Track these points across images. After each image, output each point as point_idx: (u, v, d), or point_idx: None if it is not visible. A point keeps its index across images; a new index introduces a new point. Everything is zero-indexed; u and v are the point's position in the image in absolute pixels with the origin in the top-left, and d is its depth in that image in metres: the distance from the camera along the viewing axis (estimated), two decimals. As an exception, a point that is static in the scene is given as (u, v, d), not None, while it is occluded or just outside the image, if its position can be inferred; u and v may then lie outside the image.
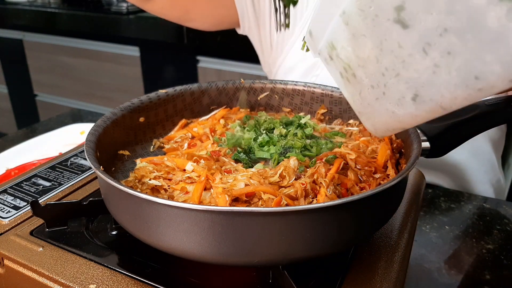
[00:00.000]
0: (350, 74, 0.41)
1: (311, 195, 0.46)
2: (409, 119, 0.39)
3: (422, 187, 0.64)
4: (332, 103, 0.65)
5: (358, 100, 0.43)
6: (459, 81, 0.33)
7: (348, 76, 0.42)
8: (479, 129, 0.53)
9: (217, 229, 0.38)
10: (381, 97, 0.39)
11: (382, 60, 0.37)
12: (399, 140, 0.54)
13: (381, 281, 0.45)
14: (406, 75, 0.36)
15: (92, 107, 2.17)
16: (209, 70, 1.78)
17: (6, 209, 0.55)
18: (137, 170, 0.53)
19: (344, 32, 0.39)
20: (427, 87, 0.35)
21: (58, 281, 0.44)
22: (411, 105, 0.37)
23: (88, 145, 0.48)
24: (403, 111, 0.38)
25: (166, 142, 0.64)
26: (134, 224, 0.43)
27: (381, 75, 0.38)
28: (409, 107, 0.38)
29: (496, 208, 0.76)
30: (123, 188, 0.40)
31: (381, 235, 0.52)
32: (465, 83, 0.33)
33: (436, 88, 0.35)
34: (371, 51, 0.38)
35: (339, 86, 0.45)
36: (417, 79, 0.35)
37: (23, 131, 1.07)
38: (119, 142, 0.59)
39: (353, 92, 0.43)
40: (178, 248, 0.40)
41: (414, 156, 0.45)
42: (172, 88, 0.65)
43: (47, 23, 2.09)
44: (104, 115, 0.56)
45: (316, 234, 0.39)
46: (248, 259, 0.39)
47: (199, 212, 0.38)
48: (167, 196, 0.49)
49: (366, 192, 0.39)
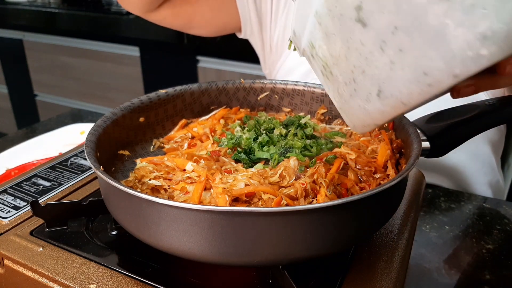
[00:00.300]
0: (328, 72, 0.43)
1: (311, 195, 0.46)
2: (378, 115, 0.40)
3: (422, 187, 0.64)
4: (332, 103, 0.65)
5: (337, 97, 0.44)
6: (411, 77, 0.35)
7: (327, 74, 0.43)
8: (479, 129, 0.53)
9: (217, 229, 0.38)
10: (353, 93, 0.41)
11: (350, 58, 0.39)
12: (399, 140, 0.54)
13: (381, 281, 0.45)
14: (370, 72, 0.38)
15: (92, 107, 2.17)
16: (209, 70, 1.78)
17: (6, 209, 0.55)
18: (137, 170, 0.53)
19: (319, 32, 0.41)
20: (388, 83, 0.37)
21: (58, 281, 0.44)
22: (377, 100, 0.39)
23: (88, 145, 0.48)
24: (372, 107, 0.40)
25: (166, 142, 0.64)
26: (134, 224, 0.43)
27: (351, 72, 0.40)
28: (376, 102, 0.39)
29: (496, 208, 0.76)
30: (123, 188, 0.40)
31: (381, 235, 0.52)
32: (417, 78, 0.35)
33: (394, 83, 0.37)
34: (341, 49, 0.39)
35: (322, 83, 0.46)
36: (379, 76, 0.37)
37: (23, 131, 1.07)
38: (119, 142, 0.59)
39: (333, 89, 0.44)
40: (178, 248, 0.40)
41: (414, 156, 0.45)
42: (172, 88, 0.65)
43: (47, 23, 2.09)
44: (104, 115, 0.56)
45: (316, 234, 0.39)
46: (248, 259, 0.39)
47: (199, 212, 0.38)
48: (167, 196, 0.49)
49: (366, 192, 0.39)
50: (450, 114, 0.53)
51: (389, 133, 0.56)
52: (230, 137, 0.57)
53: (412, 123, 0.53)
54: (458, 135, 0.52)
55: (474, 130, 0.52)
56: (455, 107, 0.54)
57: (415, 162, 0.44)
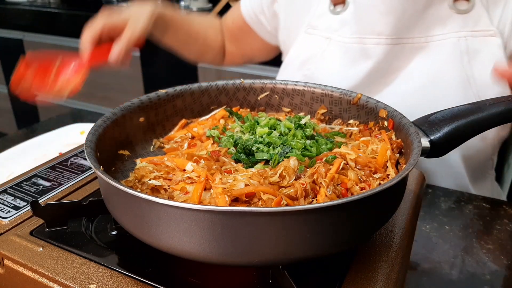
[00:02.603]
0: None
1: (311, 195, 0.46)
2: None
3: (422, 187, 0.64)
4: (332, 103, 0.65)
5: None
6: None
7: None
8: (480, 129, 0.52)
9: (217, 229, 0.38)
10: None
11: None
12: (399, 140, 0.54)
13: (381, 281, 0.45)
14: None
15: (92, 107, 2.17)
16: (209, 70, 1.78)
17: (6, 209, 0.55)
18: (137, 170, 0.53)
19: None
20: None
21: (58, 281, 0.44)
22: None
23: (88, 145, 0.48)
24: None
25: (166, 142, 0.64)
26: (134, 224, 0.43)
27: None
28: None
29: (496, 208, 0.76)
30: (123, 188, 0.40)
31: (381, 235, 0.52)
32: None
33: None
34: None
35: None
36: None
37: (23, 131, 1.07)
38: (119, 142, 0.59)
39: None
40: (178, 248, 0.40)
41: (414, 156, 0.45)
42: (172, 88, 0.65)
43: (47, 23, 2.09)
44: (104, 115, 0.56)
45: (316, 234, 0.39)
46: (248, 259, 0.39)
47: (199, 212, 0.38)
48: (167, 196, 0.49)
49: (366, 192, 0.39)
50: (450, 114, 0.52)
51: (389, 133, 0.56)
52: (229, 137, 0.57)
53: (412, 123, 0.53)
54: (458, 136, 0.51)
55: (475, 130, 0.52)
56: (455, 107, 0.54)
57: (415, 162, 0.44)
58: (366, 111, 0.61)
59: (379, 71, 0.83)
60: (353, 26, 0.84)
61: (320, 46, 0.88)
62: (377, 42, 0.81)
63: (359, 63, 0.84)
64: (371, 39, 0.82)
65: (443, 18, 0.79)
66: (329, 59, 0.87)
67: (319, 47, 0.88)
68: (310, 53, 0.90)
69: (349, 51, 0.85)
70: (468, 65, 0.78)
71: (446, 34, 0.79)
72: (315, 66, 0.89)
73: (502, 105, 0.50)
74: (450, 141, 0.51)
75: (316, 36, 0.89)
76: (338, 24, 0.86)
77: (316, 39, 0.89)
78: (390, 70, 0.83)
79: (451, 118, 0.52)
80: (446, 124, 0.51)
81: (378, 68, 0.83)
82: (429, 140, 0.50)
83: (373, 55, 0.82)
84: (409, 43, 0.81)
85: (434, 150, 0.51)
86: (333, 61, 0.87)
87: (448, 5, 0.79)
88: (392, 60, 0.82)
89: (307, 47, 0.91)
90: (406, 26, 0.79)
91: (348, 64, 0.85)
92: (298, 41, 0.93)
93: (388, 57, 0.82)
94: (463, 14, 0.78)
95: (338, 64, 0.87)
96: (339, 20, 0.86)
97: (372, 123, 0.60)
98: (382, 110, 0.58)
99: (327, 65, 0.88)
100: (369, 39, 0.82)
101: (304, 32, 0.91)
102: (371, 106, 0.60)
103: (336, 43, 0.86)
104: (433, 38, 0.80)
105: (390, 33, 0.80)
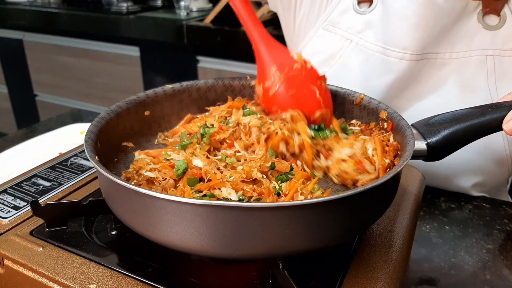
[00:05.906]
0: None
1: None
2: None
3: (422, 187, 0.64)
4: (336, 102, 0.65)
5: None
6: None
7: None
8: (479, 134, 0.51)
9: (215, 222, 0.38)
10: None
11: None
12: (396, 143, 0.54)
13: (381, 282, 0.45)
14: None
15: (92, 107, 2.17)
16: (209, 70, 1.78)
17: (6, 209, 0.55)
18: (135, 161, 0.54)
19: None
20: None
21: (58, 281, 0.44)
22: None
23: (88, 136, 0.49)
24: None
25: (170, 136, 0.64)
26: (130, 216, 0.43)
27: None
28: None
29: (496, 208, 0.76)
30: (109, 176, 0.40)
31: (381, 235, 0.52)
32: None
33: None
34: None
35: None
36: None
37: (23, 131, 1.07)
38: (124, 134, 0.59)
39: None
40: (175, 241, 0.40)
41: (408, 152, 0.45)
42: (178, 84, 0.66)
43: (47, 23, 2.09)
44: (109, 107, 0.57)
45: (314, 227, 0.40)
46: (247, 252, 0.40)
47: (196, 206, 0.38)
48: (161, 188, 0.49)
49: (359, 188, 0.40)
50: (451, 117, 0.52)
51: (387, 134, 0.56)
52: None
53: (409, 125, 0.52)
54: (457, 139, 0.50)
55: (474, 135, 0.51)
56: (457, 111, 0.52)
57: (407, 160, 0.44)
58: (368, 111, 0.61)
59: (400, 86, 0.78)
60: (378, 32, 0.77)
61: (339, 47, 0.82)
62: (401, 57, 0.75)
63: (381, 75, 0.78)
64: (396, 52, 0.75)
65: (471, 33, 0.73)
66: (349, 65, 0.81)
67: (339, 48, 0.82)
68: (327, 54, 0.83)
69: (370, 59, 0.79)
70: (493, 86, 0.73)
71: (472, 51, 0.74)
72: (332, 69, 0.83)
73: (504, 110, 0.49)
74: (448, 145, 0.50)
75: (336, 35, 0.82)
76: (362, 25, 0.79)
77: (335, 38, 0.83)
78: (410, 86, 0.78)
79: (450, 122, 0.51)
80: (445, 128, 0.50)
81: (400, 83, 0.78)
82: (426, 143, 0.49)
83: (395, 70, 0.76)
84: (432, 59, 0.76)
85: (431, 153, 0.50)
86: (353, 68, 0.81)
87: (477, 18, 0.73)
88: (414, 76, 0.77)
89: (324, 45, 0.84)
90: (432, 41, 0.74)
91: (369, 73, 0.80)
92: (314, 37, 0.86)
93: (410, 72, 0.76)
94: (492, 30, 0.73)
95: (358, 72, 0.81)
96: (364, 21, 0.79)
97: (373, 123, 0.60)
98: (382, 111, 0.58)
99: (346, 70, 0.82)
100: (393, 52, 0.76)
101: (322, 28, 0.84)
102: (373, 107, 0.60)
103: (357, 47, 0.80)
104: (458, 55, 0.75)
105: (416, 50, 0.74)
